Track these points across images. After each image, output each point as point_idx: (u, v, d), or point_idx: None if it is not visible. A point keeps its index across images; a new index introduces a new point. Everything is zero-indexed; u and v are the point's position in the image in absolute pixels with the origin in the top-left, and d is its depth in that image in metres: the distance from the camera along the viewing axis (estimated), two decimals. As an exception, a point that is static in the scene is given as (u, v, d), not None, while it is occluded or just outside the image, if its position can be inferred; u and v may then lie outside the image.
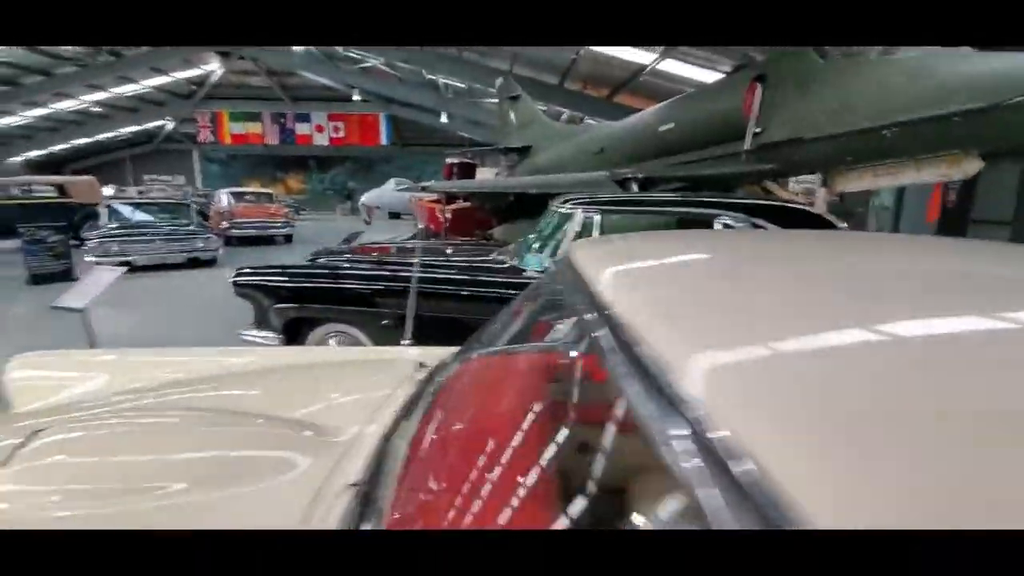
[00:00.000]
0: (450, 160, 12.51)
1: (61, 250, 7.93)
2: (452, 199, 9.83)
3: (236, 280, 3.26)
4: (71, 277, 7.90)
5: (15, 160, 23.27)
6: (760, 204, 2.89)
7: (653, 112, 6.61)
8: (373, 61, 16.94)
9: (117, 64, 17.48)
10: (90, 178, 12.89)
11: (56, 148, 24.41)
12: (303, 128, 25.41)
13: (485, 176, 12.48)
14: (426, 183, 10.21)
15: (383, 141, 25.62)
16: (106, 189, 16.41)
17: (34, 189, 11.61)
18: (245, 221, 12.22)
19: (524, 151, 10.52)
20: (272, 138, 25.46)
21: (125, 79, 19.92)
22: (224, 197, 13.18)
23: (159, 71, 20.44)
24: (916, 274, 0.75)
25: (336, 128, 25.43)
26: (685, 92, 7.63)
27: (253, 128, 25.24)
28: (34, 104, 19.59)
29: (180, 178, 26.70)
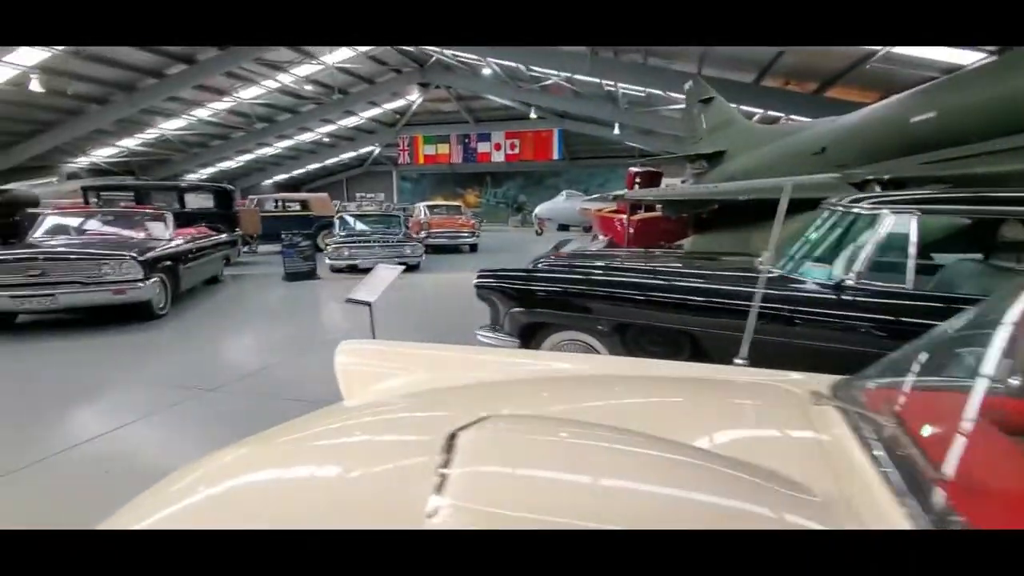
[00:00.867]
0: (633, 169, 12.30)
1: (309, 253, 9.62)
2: (634, 210, 9.61)
3: (477, 283, 3.44)
4: (315, 276, 9.54)
5: (268, 182, 29.46)
6: None
7: (899, 101, 5.58)
8: (554, 77, 17.53)
9: (345, 100, 20.98)
10: (325, 195, 15.69)
11: (296, 172, 30.26)
12: (483, 147, 27.83)
13: (668, 185, 11.98)
14: (617, 192, 10.09)
15: (555, 156, 26.63)
16: (331, 204, 19.78)
17: (286, 204, 14.46)
18: (439, 231, 13.79)
19: (715, 157, 9.81)
20: (457, 157, 28.43)
21: (350, 112, 23.89)
22: (423, 210, 14.90)
23: (374, 104, 24.12)
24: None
25: (512, 145, 27.31)
26: (936, 79, 6.36)
27: (442, 149, 28.52)
28: (285, 136, 24.52)
29: (381, 195, 31.00)
